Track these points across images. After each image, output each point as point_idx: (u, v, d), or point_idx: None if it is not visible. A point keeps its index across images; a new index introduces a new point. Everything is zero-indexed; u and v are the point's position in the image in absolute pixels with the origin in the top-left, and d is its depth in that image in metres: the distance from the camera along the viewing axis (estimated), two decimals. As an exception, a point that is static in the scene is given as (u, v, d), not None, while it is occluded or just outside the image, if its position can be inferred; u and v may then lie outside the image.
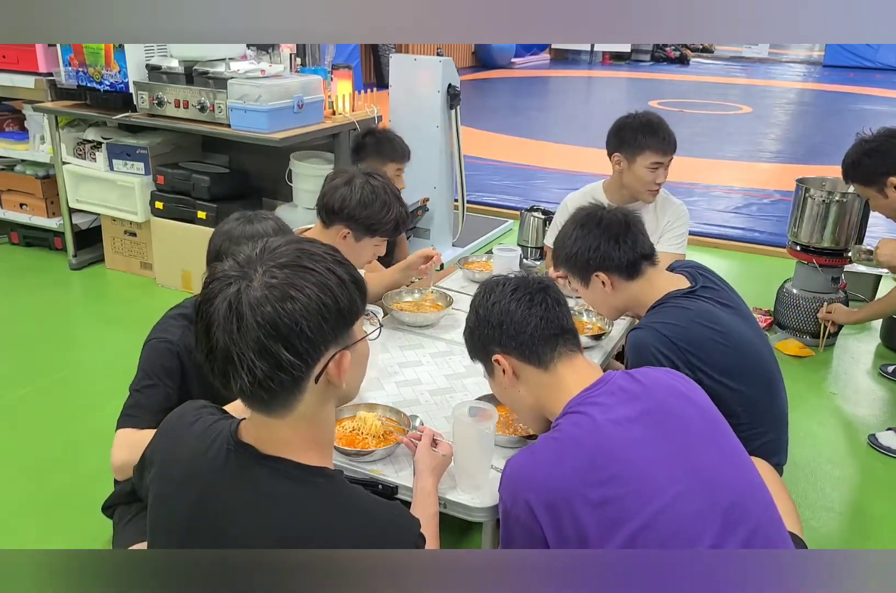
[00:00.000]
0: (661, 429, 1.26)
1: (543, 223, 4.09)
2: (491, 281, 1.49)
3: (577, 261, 1.87)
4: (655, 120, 2.59)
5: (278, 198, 3.93)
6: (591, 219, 1.88)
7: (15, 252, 4.24)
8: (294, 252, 0.99)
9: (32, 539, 2.13)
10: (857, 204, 3.21)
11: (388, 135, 3.05)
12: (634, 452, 1.22)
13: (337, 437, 1.61)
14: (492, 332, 1.42)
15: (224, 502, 1.02)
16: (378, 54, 9.87)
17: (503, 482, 1.27)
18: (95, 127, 3.85)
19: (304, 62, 3.83)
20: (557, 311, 1.42)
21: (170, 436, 1.14)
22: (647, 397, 1.31)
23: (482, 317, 1.44)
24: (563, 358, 1.40)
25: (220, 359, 0.96)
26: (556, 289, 1.47)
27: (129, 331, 3.40)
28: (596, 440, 1.24)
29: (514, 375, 1.42)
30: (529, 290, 1.43)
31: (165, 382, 1.64)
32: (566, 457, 1.23)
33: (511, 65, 12.83)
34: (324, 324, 0.97)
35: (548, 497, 1.19)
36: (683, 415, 1.30)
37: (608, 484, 1.18)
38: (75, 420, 2.70)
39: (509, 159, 6.46)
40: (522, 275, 1.48)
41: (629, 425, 1.25)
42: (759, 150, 7.25)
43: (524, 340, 1.39)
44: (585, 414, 1.28)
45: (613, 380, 1.35)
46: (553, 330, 1.40)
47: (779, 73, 13.29)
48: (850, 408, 2.95)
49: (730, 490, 1.22)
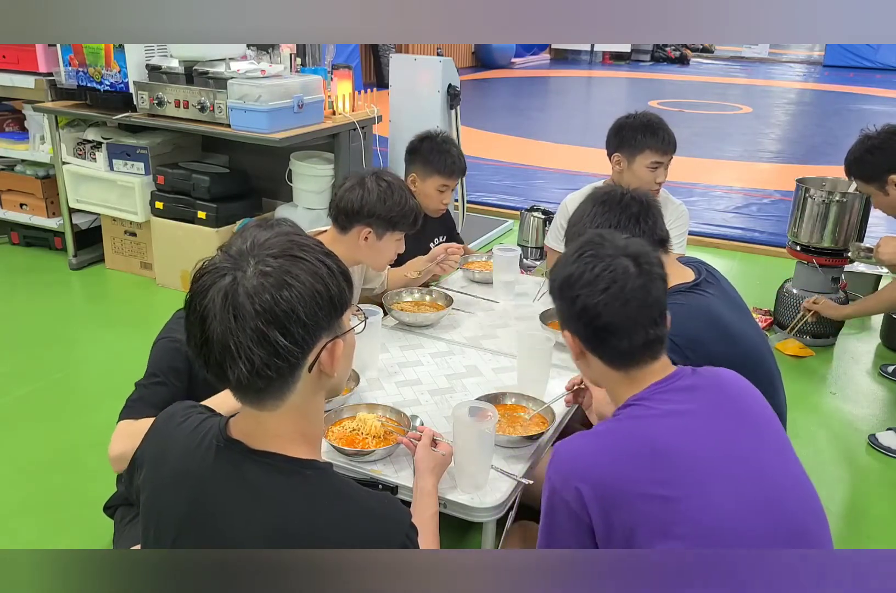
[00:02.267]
0: (726, 429, 1.22)
1: (543, 223, 4.10)
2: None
3: None
4: (655, 120, 2.60)
5: (278, 198, 3.93)
6: (611, 197, 1.81)
7: (15, 252, 4.24)
8: (284, 243, 1.00)
9: (32, 539, 2.13)
10: (857, 204, 3.21)
11: (445, 146, 2.67)
12: (696, 453, 1.18)
13: (337, 437, 1.61)
14: (583, 329, 1.31)
15: (216, 498, 1.02)
16: (378, 54, 9.87)
17: (555, 463, 1.23)
18: (95, 127, 3.85)
19: (304, 62, 3.83)
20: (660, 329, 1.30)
21: (159, 436, 1.14)
22: (713, 394, 1.27)
23: (580, 310, 1.29)
24: (647, 366, 1.31)
25: (216, 351, 0.97)
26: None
27: (129, 331, 3.41)
28: (658, 436, 1.20)
29: (582, 354, 1.35)
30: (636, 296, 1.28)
31: (172, 381, 1.65)
32: (626, 451, 1.19)
33: (511, 65, 12.83)
34: (318, 310, 0.98)
35: (602, 489, 1.16)
36: (747, 414, 1.27)
37: (666, 485, 1.15)
38: (75, 420, 2.70)
39: (509, 159, 6.46)
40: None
41: (693, 423, 1.22)
42: (759, 150, 7.25)
43: (620, 350, 1.29)
44: (650, 408, 1.24)
45: (683, 376, 1.30)
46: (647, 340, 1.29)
47: (779, 73, 13.29)
48: (850, 407, 2.95)
49: (791, 509, 1.18)
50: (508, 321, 2.29)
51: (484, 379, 1.94)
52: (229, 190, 3.69)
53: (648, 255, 1.31)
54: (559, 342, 2.06)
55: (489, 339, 2.16)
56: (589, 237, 1.36)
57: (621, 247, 1.31)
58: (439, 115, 3.83)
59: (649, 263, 1.30)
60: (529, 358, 1.84)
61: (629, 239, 1.35)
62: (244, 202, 3.76)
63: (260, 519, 1.00)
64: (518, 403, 1.77)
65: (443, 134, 2.74)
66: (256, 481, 1.02)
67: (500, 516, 1.50)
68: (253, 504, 1.01)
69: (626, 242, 1.33)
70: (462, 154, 2.73)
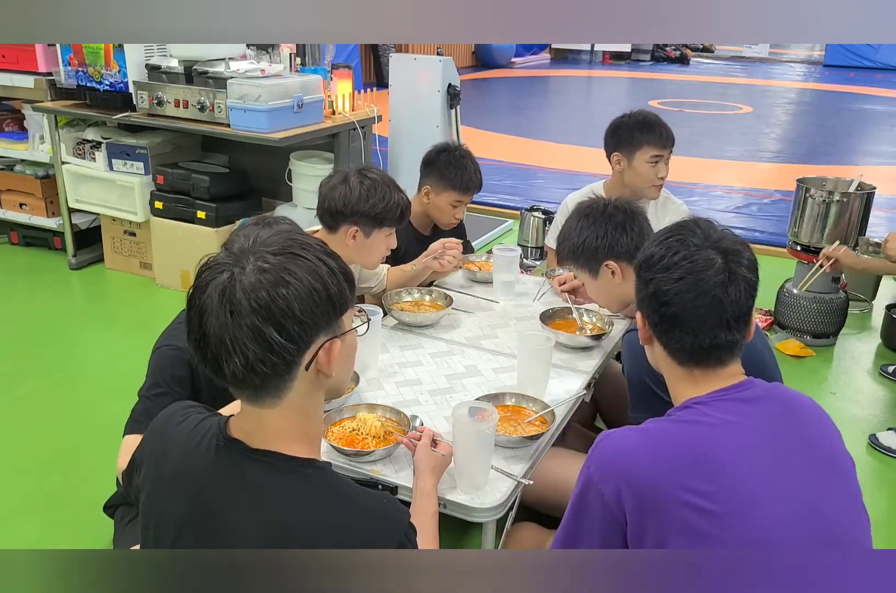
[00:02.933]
0: (784, 450, 1.14)
1: (543, 223, 4.10)
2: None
3: (585, 250, 1.86)
4: (651, 116, 2.62)
5: (278, 197, 3.93)
6: (594, 209, 1.87)
7: (15, 252, 4.24)
8: (285, 241, 1.01)
9: (32, 539, 2.13)
10: (857, 204, 3.21)
11: (462, 161, 2.58)
12: (746, 470, 1.11)
13: (337, 437, 1.61)
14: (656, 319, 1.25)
15: (216, 497, 1.03)
16: (378, 54, 9.87)
17: (597, 455, 1.18)
18: (95, 127, 3.85)
19: (304, 62, 3.83)
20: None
21: (159, 436, 1.14)
22: (778, 413, 1.19)
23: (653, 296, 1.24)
24: (712, 369, 1.24)
25: (212, 345, 0.97)
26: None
27: (129, 331, 3.41)
28: (709, 447, 1.13)
29: (649, 339, 1.29)
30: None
31: (175, 390, 1.64)
32: (673, 456, 1.12)
33: (511, 64, 12.82)
34: (315, 309, 0.98)
35: (642, 492, 1.11)
36: (813, 444, 1.18)
37: (709, 498, 1.09)
38: (75, 419, 2.70)
39: (509, 159, 6.46)
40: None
41: (749, 438, 1.14)
42: (759, 150, 7.25)
43: (684, 346, 1.23)
44: (707, 414, 1.17)
45: (751, 388, 1.22)
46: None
47: (779, 72, 13.29)
48: (850, 407, 2.95)
49: (837, 541, 1.11)
50: (508, 321, 2.29)
51: (484, 379, 1.94)
52: (229, 190, 3.69)
53: (740, 254, 1.23)
54: (559, 342, 2.07)
55: (489, 339, 2.16)
56: (684, 222, 1.29)
57: (713, 239, 1.24)
58: (439, 115, 3.83)
59: (738, 262, 1.21)
60: (529, 358, 1.84)
61: (726, 232, 1.27)
62: (244, 202, 3.76)
63: (260, 517, 1.00)
64: (518, 403, 1.77)
65: (461, 147, 2.67)
66: (256, 480, 1.02)
67: (500, 516, 1.50)
68: (253, 503, 1.01)
69: (720, 235, 1.25)
70: (479, 169, 2.63)
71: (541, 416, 1.71)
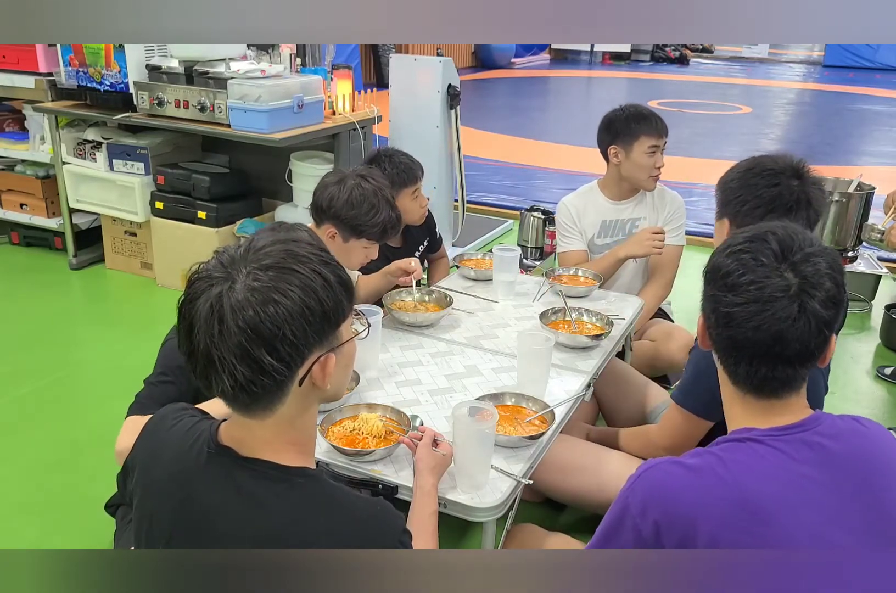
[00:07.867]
0: (842, 511, 1.04)
1: (543, 223, 4.10)
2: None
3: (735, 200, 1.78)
4: (643, 108, 2.67)
5: (278, 198, 3.93)
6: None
7: (15, 252, 4.24)
8: (279, 253, 0.97)
9: (32, 539, 2.13)
10: (856, 204, 3.21)
11: (392, 160, 2.61)
12: (799, 525, 1.03)
13: (337, 437, 1.61)
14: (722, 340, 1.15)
15: (206, 504, 1.02)
16: (378, 54, 9.87)
17: (639, 486, 1.10)
18: (95, 127, 3.85)
19: (304, 62, 3.83)
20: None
21: (152, 439, 1.14)
22: (846, 462, 1.08)
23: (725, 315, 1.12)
24: (767, 400, 1.14)
25: (201, 361, 0.95)
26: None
27: (129, 331, 3.41)
28: (759, 497, 1.04)
29: (705, 344, 1.19)
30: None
31: (181, 380, 1.65)
32: (719, 498, 1.04)
33: (511, 65, 12.83)
34: (308, 327, 0.95)
35: (683, 534, 1.04)
36: (879, 496, 1.07)
37: (759, 539, 1.02)
38: (75, 419, 2.70)
39: (509, 159, 6.46)
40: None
41: (803, 493, 1.04)
42: (759, 150, 7.15)
43: (738, 371, 1.14)
44: (761, 456, 1.07)
45: (817, 427, 1.11)
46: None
47: (779, 73, 13.29)
48: (849, 407, 2.95)
49: None
50: (508, 321, 2.29)
51: (484, 379, 1.94)
52: (229, 190, 3.69)
53: (818, 285, 1.07)
54: (559, 342, 2.07)
55: (489, 339, 2.16)
56: (763, 231, 1.13)
57: (792, 256, 1.09)
58: (439, 115, 3.83)
59: (812, 295, 1.06)
60: (529, 358, 1.84)
61: (808, 245, 1.10)
62: (244, 202, 3.76)
63: (250, 525, 0.99)
64: (518, 403, 1.77)
65: (390, 148, 2.70)
66: (246, 489, 1.01)
67: (500, 516, 1.50)
68: (243, 510, 1.00)
69: (802, 250, 1.09)
70: (412, 159, 2.63)
71: (541, 416, 1.72)
